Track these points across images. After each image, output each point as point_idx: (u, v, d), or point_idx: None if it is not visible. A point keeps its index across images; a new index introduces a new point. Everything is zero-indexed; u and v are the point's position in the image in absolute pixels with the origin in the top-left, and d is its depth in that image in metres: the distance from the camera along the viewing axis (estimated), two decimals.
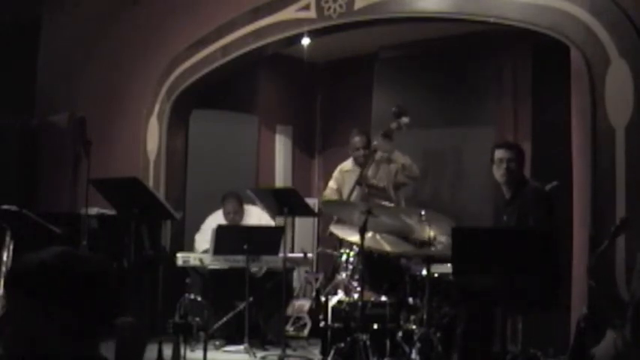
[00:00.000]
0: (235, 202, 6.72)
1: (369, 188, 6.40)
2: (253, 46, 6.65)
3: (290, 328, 6.86)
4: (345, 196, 6.55)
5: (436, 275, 4.90)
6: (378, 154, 6.44)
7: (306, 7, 6.23)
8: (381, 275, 5.27)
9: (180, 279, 6.35)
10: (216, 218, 6.79)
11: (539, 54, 6.72)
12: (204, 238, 6.50)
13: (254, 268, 6.37)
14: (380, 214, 4.93)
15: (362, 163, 6.53)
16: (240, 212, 6.78)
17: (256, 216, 6.73)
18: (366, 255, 5.05)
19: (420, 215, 4.80)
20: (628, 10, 4.59)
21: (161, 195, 6.63)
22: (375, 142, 6.48)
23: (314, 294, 7.19)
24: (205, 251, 6.40)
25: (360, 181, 6.38)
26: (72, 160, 7.83)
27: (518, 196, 4.90)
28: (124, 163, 7.34)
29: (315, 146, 8.93)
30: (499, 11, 5.19)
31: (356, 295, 5.17)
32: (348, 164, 6.89)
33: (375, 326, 5.04)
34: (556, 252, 4.15)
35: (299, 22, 6.32)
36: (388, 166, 6.50)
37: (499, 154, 4.93)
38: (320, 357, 5.44)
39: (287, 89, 8.72)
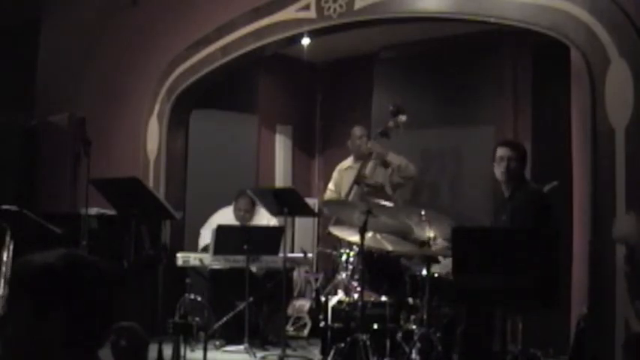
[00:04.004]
0: (249, 200, 6.74)
1: (367, 187, 6.41)
2: (253, 46, 6.64)
3: (290, 328, 6.86)
4: (343, 194, 6.55)
5: (436, 275, 4.90)
6: (374, 155, 6.45)
7: (306, 7, 6.23)
8: (381, 275, 5.27)
9: (180, 279, 6.36)
10: (225, 213, 6.83)
11: (539, 54, 6.72)
12: (209, 233, 6.49)
13: (254, 268, 6.37)
14: (380, 213, 4.92)
15: (363, 153, 6.53)
16: (251, 211, 6.83)
17: (266, 218, 6.73)
18: (366, 255, 5.05)
19: (420, 215, 4.80)
20: (628, 10, 4.59)
21: (161, 195, 6.63)
22: (369, 144, 6.48)
23: (314, 294, 7.19)
24: (207, 246, 6.41)
25: (359, 180, 6.39)
26: (72, 160, 7.82)
27: (515, 195, 4.91)
28: (124, 163, 7.34)
29: (315, 146, 8.94)
30: (499, 11, 5.19)
31: (356, 295, 5.16)
32: (347, 162, 6.91)
33: (375, 326, 5.04)
34: (555, 251, 4.15)
35: (299, 22, 6.32)
36: (384, 169, 6.50)
37: (500, 152, 4.95)
38: (320, 357, 5.43)
39: (287, 89, 8.73)
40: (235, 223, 6.73)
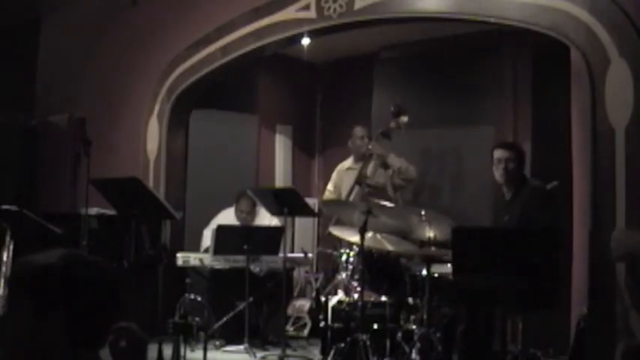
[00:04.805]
0: (250, 201, 6.73)
1: (369, 188, 6.41)
2: (253, 46, 6.64)
3: (290, 328, 6.86)
4: (344, 195, 6.55)
5: (436, 275, 4.90)
6: (374, 156, 6.45)
7: (306, 7, 6.22)
8: (381, 275, 5.27)
9: (180, 279, 6.36)
10: (228, 214, 6.83)
11: (539, 54, 6.72)
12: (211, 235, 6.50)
13: (256, 268, 6.37)
14: (380, 214, 4.92)
15: (364, 154, 6.53)
16: (252, 213, 6.82)
17: (267, 219, 6.73)
18: (366, 255, 5.05)
19: (420, 215, 4.80)
20: (628, 10, 4.59)
21: (161, 195, 6.63)
22: (369, 146, 6.48)
23: (314, 294, 7.19)
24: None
25: (360, 180, 6.39)
26: (72, 160, 7.82)
27: (518, 195, 4.91)
28: (124, 163, 7.34)
29: (315, 146, 8.94)
30: (499, 11, 5.19)
31: (356, 295, 5.16)
32: (347, 162, 6.91)
33: (375, 326, 5.04)
34: (556, 250, 4.16)
35: (299, 22, 6.32)
36: (384, 170, 6.50)
37: (497, 154, 4.96)
38: (320, 357, 5.44)
39: (287, 89, 8.73)
40: (237, 224, 6.73)
